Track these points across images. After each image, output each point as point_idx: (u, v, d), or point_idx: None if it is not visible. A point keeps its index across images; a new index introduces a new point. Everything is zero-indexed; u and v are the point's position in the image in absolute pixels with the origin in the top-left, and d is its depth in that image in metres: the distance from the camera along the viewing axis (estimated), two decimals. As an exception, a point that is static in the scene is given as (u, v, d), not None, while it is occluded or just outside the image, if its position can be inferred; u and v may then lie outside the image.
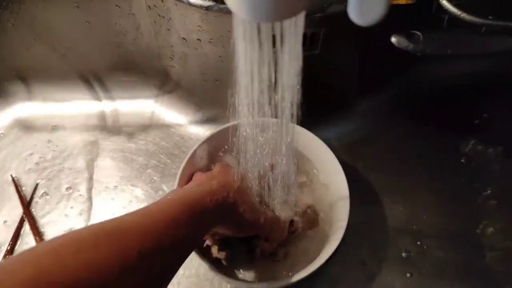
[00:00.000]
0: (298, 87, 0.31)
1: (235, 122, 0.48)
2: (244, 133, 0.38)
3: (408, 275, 0.49)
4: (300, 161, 0.50)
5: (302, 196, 0.50)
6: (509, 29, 0.38)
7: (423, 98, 0.59)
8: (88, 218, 0.56)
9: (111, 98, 0.66)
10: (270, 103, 0.34)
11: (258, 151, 0.40)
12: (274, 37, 0.27)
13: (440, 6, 0.41)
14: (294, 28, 0.25)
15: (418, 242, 0.51)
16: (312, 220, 0.48)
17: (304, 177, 0.52)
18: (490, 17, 0.39)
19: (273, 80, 0.30)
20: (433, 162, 0.57)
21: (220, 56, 0.52)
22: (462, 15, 0.39)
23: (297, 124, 0.38)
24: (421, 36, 0.40)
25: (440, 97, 0.59)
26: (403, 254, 0.50)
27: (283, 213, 0.46)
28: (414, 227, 0.52)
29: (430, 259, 0.50)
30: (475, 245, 0.51)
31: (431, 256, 0.50)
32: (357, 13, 0.20)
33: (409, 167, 0.57)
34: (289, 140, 0.38)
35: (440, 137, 0.60)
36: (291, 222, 0.47)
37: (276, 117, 0.35)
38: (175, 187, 0.47)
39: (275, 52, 0.29)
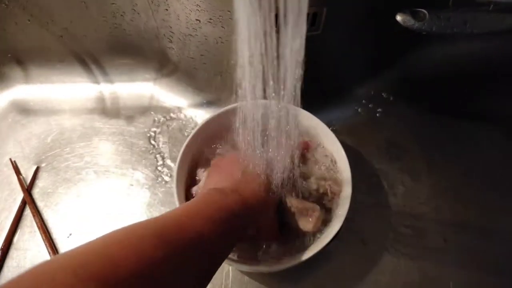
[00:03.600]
0: (300, 67, 0.30)
1: (235, 105, 0.47)
2: (245, 116, 0.37)
3: (407, 255, 0.49)
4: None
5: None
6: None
7: (426, 81, 0.58)
8: (89, 202, 0.56)
9: (110, 80, 0.65)
10: (271, 85, 0.33)
11: (260, 133, 0.39)
12: (277, 16, 0.26)
13: (447, -16, 0.39)
14: (298, 2, 0.24)
15: (418, 224, 0.51)
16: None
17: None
18: (498, -6, 0.38)
19: (274, 61, 0.29)
20: (434, 146, 0.57)
21: (220, 37, 0.51)
22: (469, -7, 0.38)
23: (299, 106, 0.37)
24: (427, 14, 0.39)
25: (444, 80, 0.58)
26: (403, 235, 0.50)
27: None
28: (414, 209, 0.52)
29: (429, 241, 0.50)
30: (475, 228, 0.51)
31: (430, 238, 0.50)
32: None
33: (410, 150, 0.57)
34: (290, 121, 0.37)
35: (442, 120, 0.59)
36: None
37: (277, 98, 0.34)
38: (175, 171, 0.46)
39: (277, 32, 0.28)
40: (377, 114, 0.60)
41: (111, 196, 0.56)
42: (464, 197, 0.53)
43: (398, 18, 0.39)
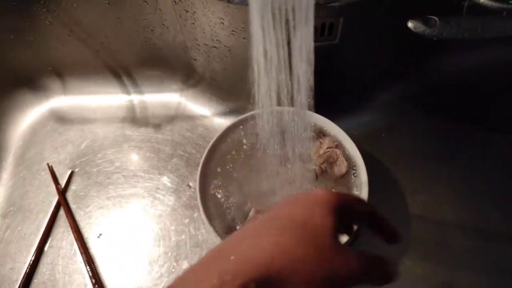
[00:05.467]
0: (311, 75, 0.32)
1: (253, 112, 0.50)
2: (262, 122, 0.40)
3: (427, 261, 0.49)
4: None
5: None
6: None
7: (444, 88, 0.59)
8: (118, 205, 0.59)
9: (140, 91, 0.69)
10: (286, 92, 0.35)
11: (277, 138, 0.41)
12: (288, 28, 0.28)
13: (460, -7, 0.41)
14: (305, 14, 0.26)
15: (438, 230, 0.51)
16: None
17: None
18: (510, 1, 0.39)
19: (287, 69, 0.31)
20: (454, 153, 0.57)
21: (241, 49, 0.54)
22: (481, 0, 0.39)
23: (315, 112, 0.39)
24: (438, 21, 0.40)
25: (461, 87, 0.58)
26: (423, 242, 0.50)
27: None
28: (434, 215, 0.52)
29: (450, 247, 0.50)
30: (494, 235, 0.50)
31: (451, 244, 0.50)
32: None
33: (429, 157, 0.57)
34: (305, 126, 0.39)
35: (460, 128, 0.59)
36: None
37: (292, 105, 0.36)
38: (198, 176, 0.49)
39: (289, 43, 0.30)
40: (397, 121, 0.61)
41: (139, 199, 0.59)
42: (485, 204, 0.53)
43: (410, 25, 0.41)
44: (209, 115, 0.67)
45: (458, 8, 0.40)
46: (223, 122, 0.65)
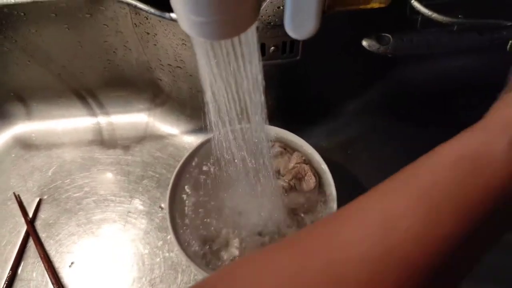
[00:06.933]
0: (262, 91, 0.32)
1: (214, 133, 0.50)
2: (220, 143, 0.40)
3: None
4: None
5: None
6: (478, 27, 0.39)
7: (409, 96, 0.60)
8: (89, 231, 0.58)
9: (106, 113, 0.68)
10: (239, 111, 0.35)
11: (238, 156, 0.42)
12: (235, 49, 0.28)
13: (413, 8, 0.42)
14: (250, 39, 0.27)
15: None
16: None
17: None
18: (460, 16, 0.40)
19: (235, 89, 0.31)
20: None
21: (206, 67, 0.54)
22: (433, 16, 0.41)
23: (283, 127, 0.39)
24: (391, 38, 0.42)
25: (421, 97, 0.60)
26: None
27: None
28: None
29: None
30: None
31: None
32: (291, 28, 0.21)
33: (396, 166, 0.58)
34: (270, 142, 0.39)
35: (423, 136, 0.60)
36: None
37: (251, 123, 0.36)
38: (167, 197, 0.49)
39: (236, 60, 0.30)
40: (365, 131, 0.62)
41: (110, 224, 0.58)
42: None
43: (364, 43, 0.42)
44: (178, 133, 0.66)
45: (410, 25, 0.41)
46: (192, 140, 0.65)
